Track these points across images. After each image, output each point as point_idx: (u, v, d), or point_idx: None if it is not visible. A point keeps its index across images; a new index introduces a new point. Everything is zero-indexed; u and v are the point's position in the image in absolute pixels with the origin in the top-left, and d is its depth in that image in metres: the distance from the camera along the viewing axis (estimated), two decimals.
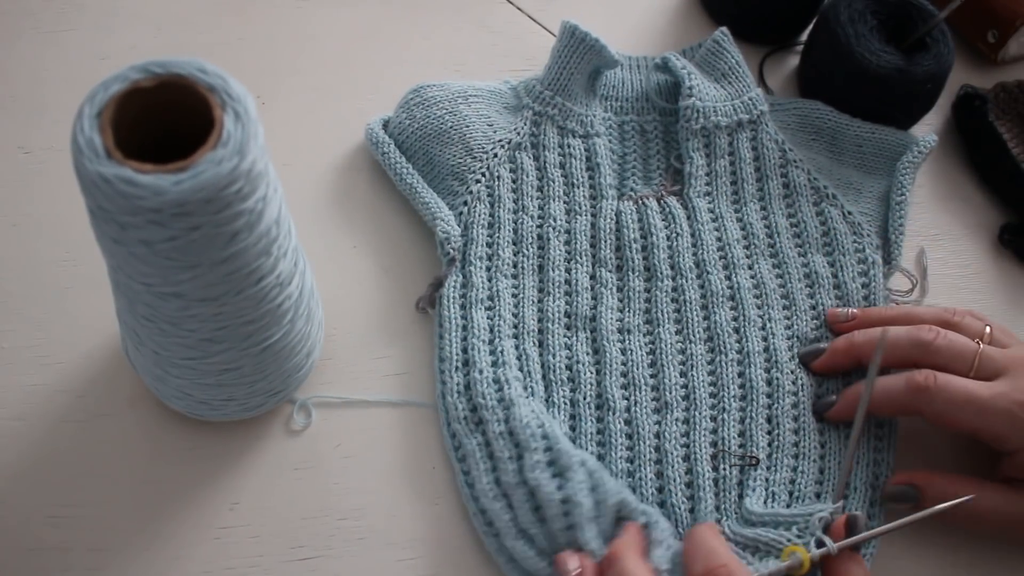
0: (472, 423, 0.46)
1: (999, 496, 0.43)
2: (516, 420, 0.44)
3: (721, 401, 0.48)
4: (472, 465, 0.45)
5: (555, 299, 0.50)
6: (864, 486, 0.46)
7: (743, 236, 0.53)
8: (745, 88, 0.56)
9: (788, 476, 0.46)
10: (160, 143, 0.34)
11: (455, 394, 0.47)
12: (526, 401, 0.46)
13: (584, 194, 0.53)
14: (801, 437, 0.47)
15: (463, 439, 0.46)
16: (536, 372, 0.48)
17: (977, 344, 0.45)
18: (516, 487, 0.43)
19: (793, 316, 0.50)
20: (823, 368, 0.49)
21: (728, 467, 0.46)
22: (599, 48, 0.54)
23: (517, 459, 0.44)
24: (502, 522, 0.43)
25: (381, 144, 0.54)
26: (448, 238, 0.50)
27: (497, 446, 0.44)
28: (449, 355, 0.48)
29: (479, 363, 0.47)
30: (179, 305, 0.36)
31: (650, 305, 0.51)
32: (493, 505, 0.44)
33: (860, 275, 0.52)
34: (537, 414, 0.45)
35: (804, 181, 0.55)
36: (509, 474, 0.44)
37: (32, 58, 0.58)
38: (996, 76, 0.63)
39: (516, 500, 0.43)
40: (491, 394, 0.46)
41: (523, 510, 0.43)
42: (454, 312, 0.49)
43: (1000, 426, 0.43)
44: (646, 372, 0.48)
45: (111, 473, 0.45)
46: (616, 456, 0.46)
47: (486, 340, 0.48)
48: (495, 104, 0.56)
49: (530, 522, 0.43)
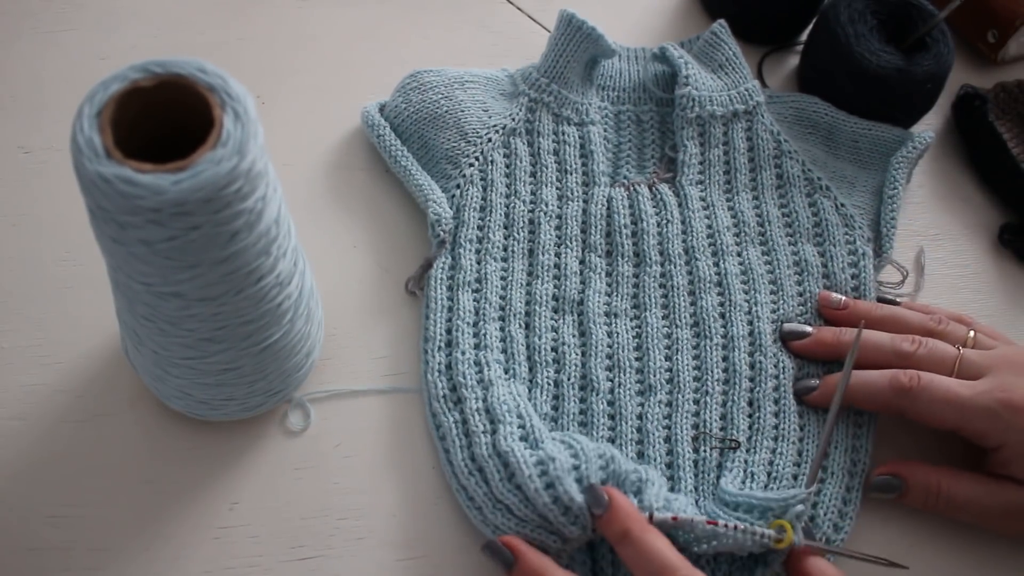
0: (451, 402, 0.46)
1: (980, 488, 0.45)
2: (493, 398, 0.45)
3: (704, 384, 0.48)
4: (450, 443, 0.45)
5: (544, 282, 0.50)
6: (841, 471, 0.46)
7: (733, 224, 0.53)
8: (742, 79, 0.57)
9: (767, 457, 0.46)
10: (160, 143, 0.34)
11: (436, 373, 0.47)
12: (505, 383, 0.46)
13: (577, 180, 0.54)
14: (781, 420, 0.47)
15: (442, 418, 0.46)
16: (521, 353, 0.48)
17: (958, 350, 0.46)
18: (488, 459, 0.43)
19: (780, 301, 0.51)
20: (803, 352, 0.49)
21: (708, 449, 0.46)
22: (596, 37, 0.55)
23: (492, 433, 0.44)
24: (479, 496, 0.43)
25: (377, 127, 0.54)
26: (439, 220, 0.51)
27: (472, 421, 0.45)
28: (433, 335, 0.48)
29: (461, 344, 0.47)
30: (179, 305, 0.36)
31: (638, 290, 0.51)
32: (468, 481, 0.44)
33: (850, 266, 0.52)
34: (515, 395, 0.46)
35: (798, 172, 0.55)
36: (482, 447, 0.44)
37: (32, 58, 0.58)
38: (996, 76, 0.63)
39: (488, 472, 0.43)
40: (471, 374, 0.46)
41: (495, 480, 0.43)
42: (441, 293, 0.49)
43: (981, 423, 0.44)
44: (631, 355, 0.49)
45: (111, 473, 0.45)
46: (598, 436, 0.46)
47: (470, 322, 0.49)
48: (491, 90, 0.56)
49: (504, 491, 0.42)
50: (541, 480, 0.41)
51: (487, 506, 0.43)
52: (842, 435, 0.48)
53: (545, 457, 0.42)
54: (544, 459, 0.42)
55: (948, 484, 0.45)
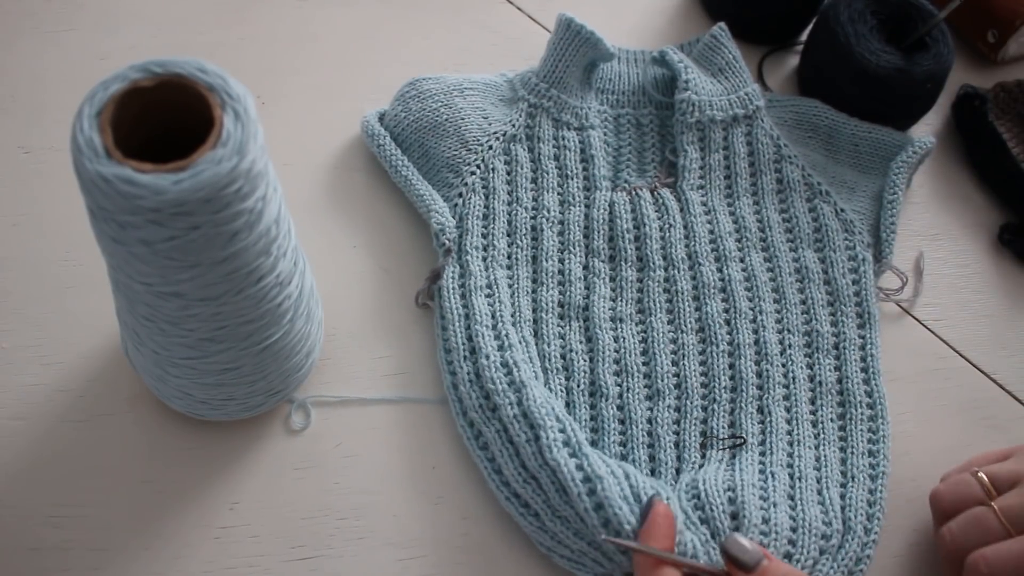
0: (488, 410, 0.46)
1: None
2: (529, 401, 0.45)
3: (712, 392, 0.48)
4: (496, 452, 0.45)
5: (548, 289, 0.50)
6: (862, 475, 0.46)
7: (735, 229, 0.53)
8: (742, 83, 0.57)
9: (784, 459, 0.46)
10: (160, 143, 0.34)
11: (467, 383, 0.47)
12: (535, 383, 0.46)
13: (578, 185, 0.54)
14: (794, 426, 0.47)
15: (482, 427, 0.46)
16: (534, 360, 0.48)
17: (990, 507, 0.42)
18: (540, 469, 0.43)
19: (783, 310, 0.51)
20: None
21: (717, 451, 0.46)
22: (595, 41, 0.55)
23: (535, 440, 0.44)
24: (538, 504, 0.44)
25: (377, 136, 0.54)
26: (443, 229, 0.51)
27: (514, 430, 0.45)
28: (456, 345, 0.48)
29: (485, 348, 0.47)
30: (179, 305, 0.36)
31: (642, 295, 0.51)
32: (524, 489, 0.44)
33: (850, 271, 0.52)
34: (546, 396, 0.45)
35: (798, 177, 0.55)
36: (530, 457, 0.44)
37: (32, 58, 0.58)
38: (996, 76, 0.63)
39: (544, 482, 0.43)
40: (501, 379, 0.46)
41: (551, 491, 0.43)
42: (455, 302, 0.49)
43: None
44: (638, 360, 0.49)
45: (111, 473, 0.45)
46: (609, 441, 0.46)
47: (489, 325, 0.48)
48: (490, 97, 0.56)
49: (560, 503, 0.43)
50: (591, 499, 0.41)
51: (546, 513, 0.43)
52: (859, 439, 0.47)
53: (592, 474, 0.42)
54: (591, 475, 0.42)
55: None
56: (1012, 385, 0.52)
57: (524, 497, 0.44)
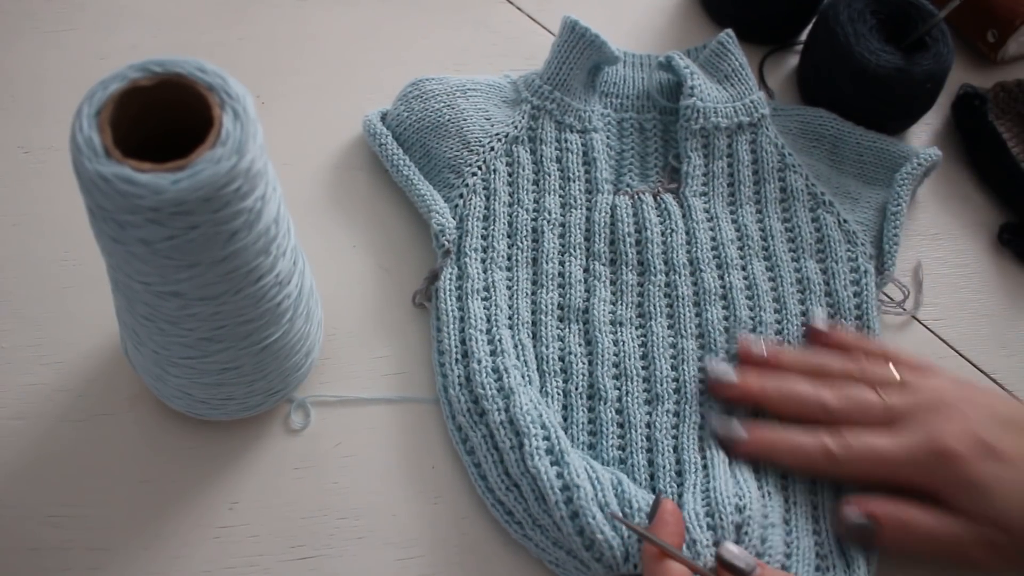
0: (475, 415, 0.46)
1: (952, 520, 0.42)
2: (516, 408, 0.45)
3: (711, 398, 0.48)
4: (481, 457, 0.45)
5: (548, 291, 0.50)
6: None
7: (737, 237, 0.53)
8: (747, 91, 0.56)
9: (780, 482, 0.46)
10: (159, 142, 0.34)
11: (457, 387, 0.47)
12: (525, 390, 0.46)
13: (580, 188, 0.53)
14: None
15: (469, 432, 0.46)
16: (531, 363, 0.48)
17: (881, 399, 0.45)
18: (521, 477, 0.44)
19: (783, 320, 0.51)
20: (726, 400, 0.48)
21: (719, 456, 0.46)
22: (599, 44, 0.54)
23: (519, 448, 0.44)
24: (519, 512, 0.44)
25: (378, 136, 0.54)
26: (443, 230, 0.51)
27: (499, 436, 0.45)
28: (448, 347, 0.48)
29: (477, 353, 0.47)
30: (178, 304, 0.36)
31: (643, 299, 0.51)
32: (507, 496, 0.44)
33: (852, 283, 0.52)
34: (535, 403, 0.45)
35: (802, 186, 0.55)
36: (513, 464, 0.44)
37: (32, 58, 0.58)
38: (996, 76, 0.63)
39: (524, 490, 0.43)
40: (490, 384, 0.46)
41: (531, 499, 0.43)
42: (451, 304, 0.49)
43: (913, 476, 0.43)
44: (638, 363, 0.49)
45: (111, 473, 0.45)
46: (608, 444, 0.46)
47: (483, 330, 0.48)
48: (493, 98, 0.56)
49: (539, 512, 0.43)
50: (567, 507, 0.42)
51: (527, 522, 0.44)
52: None
53: (570, 482, 0.42)
54: (569, 484, 0.42)
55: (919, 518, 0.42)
56: (1012, 385, 0.52)
57: (507, 504, 0.44)
